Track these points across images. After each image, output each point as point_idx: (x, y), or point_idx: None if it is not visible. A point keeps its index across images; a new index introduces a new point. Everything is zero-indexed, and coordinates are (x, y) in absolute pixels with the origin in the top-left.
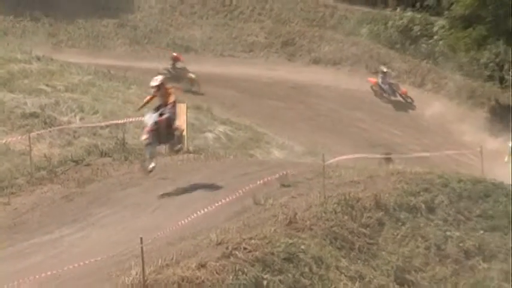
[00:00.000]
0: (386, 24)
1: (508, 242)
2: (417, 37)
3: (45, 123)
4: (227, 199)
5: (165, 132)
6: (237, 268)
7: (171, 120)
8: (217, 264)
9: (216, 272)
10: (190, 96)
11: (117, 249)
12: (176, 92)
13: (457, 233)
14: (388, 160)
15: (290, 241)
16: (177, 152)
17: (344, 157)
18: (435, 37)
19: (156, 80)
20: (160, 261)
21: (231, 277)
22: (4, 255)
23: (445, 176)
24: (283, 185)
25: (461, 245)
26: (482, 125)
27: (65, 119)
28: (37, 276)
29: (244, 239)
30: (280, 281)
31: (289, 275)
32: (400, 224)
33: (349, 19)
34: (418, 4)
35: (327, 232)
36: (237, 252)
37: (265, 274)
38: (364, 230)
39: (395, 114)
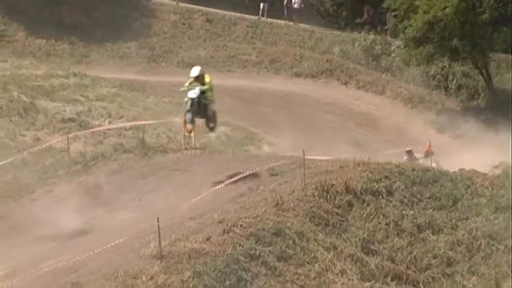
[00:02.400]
0: (353, 44)
1: (453, 218)
2: (378, 55)
3: (80, 126)
4: (227, 186)
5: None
6: (235, 241)
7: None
8: (219, 238)
9: (219, 245)
10: None
11: (139, 227)
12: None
13: (411, 212)
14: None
15: (277, 219)
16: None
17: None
18: (392, 55)
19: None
20: (173, 236)
21: (230, 249)
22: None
23: (401, 165)
24: (271, 174)
25: (414, 221)
26: (430, 124)
27: (96, 122)
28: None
29: (240, 218)
30: (269, 251)
31: (277, 246)
32: (365, 204)
33: (323, 41)
34: (378, 28)
35: (307, 212)
36: (235, 229)
37: (258, 246)
38: (336, 210)
39: (361, 117)
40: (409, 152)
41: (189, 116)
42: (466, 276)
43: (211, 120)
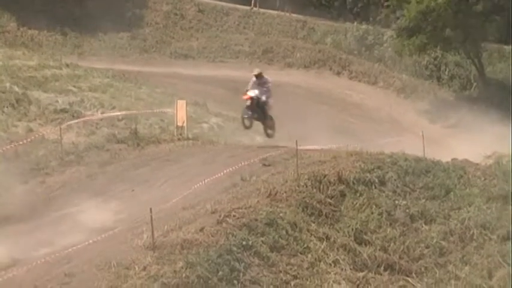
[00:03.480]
0: (346, 34)
1: (445, 207)
2: (371, 45)
3: (73, 116)
4: (219, 176)
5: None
6: (228, 232)
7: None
8: (212, 229)
9: (211, 235)
10: (189, 94)
11: (131, 217)
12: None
13: (404, 202)
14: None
15: (270, 209)
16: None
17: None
18: (385, 45)
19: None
20: (166, 227)
21: (223, 239)
22: (41, 223)
23: (394, 156)
24: (264, 165)
25: (407, 211)
26: (423, 114)
27: (89, 113)
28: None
29: (233, 208)
30: (262, 241)
31: (270, 236)
32: (358, 195)
33: (316, 31)
34: (371, 18)
35: (299, 202)
36: (228, 219)
37: (251, 236)
38: (329, 200)
39: (353, 107)
40: None
41: None
42: (459, 266)
43: None
